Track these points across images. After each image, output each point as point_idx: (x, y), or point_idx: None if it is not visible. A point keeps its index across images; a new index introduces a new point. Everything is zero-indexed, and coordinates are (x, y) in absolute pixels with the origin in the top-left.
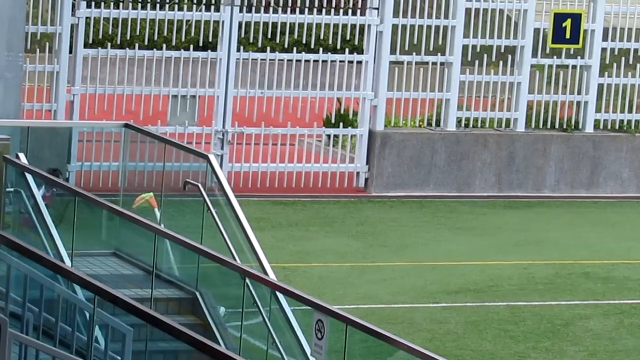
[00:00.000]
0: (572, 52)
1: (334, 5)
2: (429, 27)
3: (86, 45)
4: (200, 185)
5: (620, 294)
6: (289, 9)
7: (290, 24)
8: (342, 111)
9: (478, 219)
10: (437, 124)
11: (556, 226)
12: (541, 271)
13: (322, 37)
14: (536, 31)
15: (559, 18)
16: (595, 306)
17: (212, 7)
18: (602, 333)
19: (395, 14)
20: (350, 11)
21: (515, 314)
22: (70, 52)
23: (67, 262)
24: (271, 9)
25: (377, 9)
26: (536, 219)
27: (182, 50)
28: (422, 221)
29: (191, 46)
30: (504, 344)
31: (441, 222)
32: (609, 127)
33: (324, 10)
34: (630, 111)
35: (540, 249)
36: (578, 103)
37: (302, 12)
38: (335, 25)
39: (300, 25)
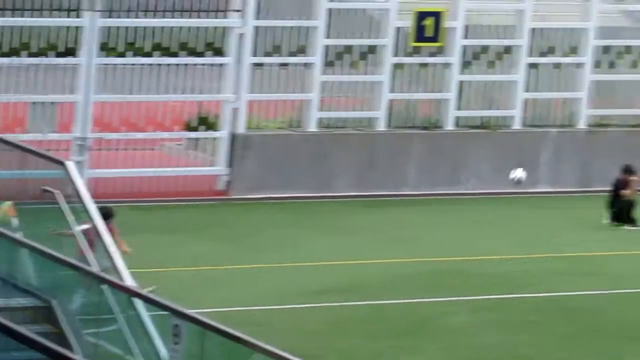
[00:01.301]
0: (434, 50)
1: (196, 8)
2: (291, 28)
3: None
4: (57, 192)
5: (484, 290)
6: (151, 14)
7: (152, 28)
8: (202, 114)
9: (340, 218)
10: (299, 125)
11: (418, 224)
12: (404, 269)
13: (184, 40)
14: (398, 30)
15: (420, 17)
16: (459, 303)
17: (73, 13)
18: (465, 329)
19: (257, 15)
20: (215, 14)
21: (377, 313)
22: None
23: None
24: (133, 14)
25: (240, 11)
26: (398, 217)
27: (41, 57)
28: (284, 222)
29: (52, 53)
30: (363, 343)
31: (303, 223)
32: (470, 124)
33: (185, 14)
34: (490, 108)
35: (403, 247)
36: (439, 101)
37: (163, 15)
38: (197, 29)
39: (162, 29)
